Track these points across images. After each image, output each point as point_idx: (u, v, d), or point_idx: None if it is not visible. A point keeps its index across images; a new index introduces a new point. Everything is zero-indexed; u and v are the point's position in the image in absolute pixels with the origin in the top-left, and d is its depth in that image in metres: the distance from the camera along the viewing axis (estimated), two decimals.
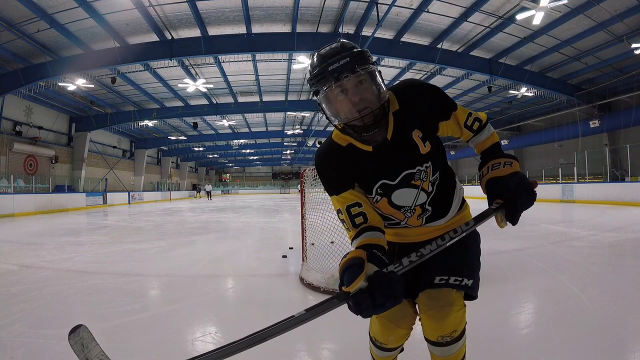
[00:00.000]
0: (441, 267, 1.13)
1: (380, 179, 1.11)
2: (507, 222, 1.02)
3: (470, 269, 1.14)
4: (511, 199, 1.00)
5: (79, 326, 0.88)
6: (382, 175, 1.10)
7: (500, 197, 1.03)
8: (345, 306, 0.94)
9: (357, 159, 1.09)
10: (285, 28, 11.14)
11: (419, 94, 1.09)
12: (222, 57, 12.64)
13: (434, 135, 1.12)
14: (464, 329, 1.14)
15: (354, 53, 0.97)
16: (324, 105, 1.01)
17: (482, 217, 1.02)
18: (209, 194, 30.20)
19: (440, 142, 1.15)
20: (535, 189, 1.03)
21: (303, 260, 3.54)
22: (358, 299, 0.89)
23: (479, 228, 1.15)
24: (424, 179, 1.11)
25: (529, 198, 1.01)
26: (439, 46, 11.83)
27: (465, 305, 1.13)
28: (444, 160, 1.18)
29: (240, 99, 18.30)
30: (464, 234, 1.01)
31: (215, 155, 38.22)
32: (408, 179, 1.10)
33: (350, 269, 0.91)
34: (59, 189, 16.82)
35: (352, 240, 1.08)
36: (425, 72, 14.93)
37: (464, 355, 1.20)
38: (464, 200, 1.29)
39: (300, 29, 11.06)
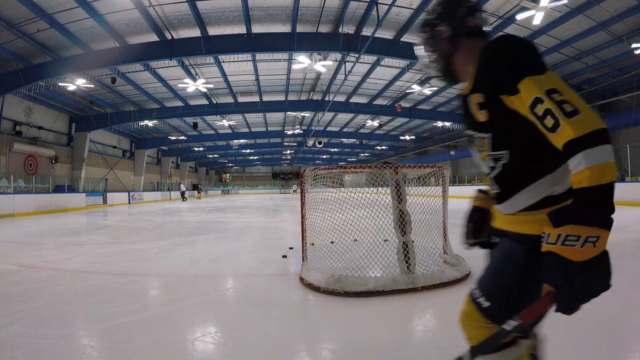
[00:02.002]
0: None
1: None
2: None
3: (492, 289, 0.96)
4: (569, 295, 0.73)
5: None
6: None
7: (553, 284, 0.74)
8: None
9: None
10: (285, 28, 11.14)
11: (492, 51, 0.90)
12: (222, 57, 12.64)
13: (497, 107, 0.88)
14: (480, 347, 0.89)
15: (422, 27, 1.13)
16: None
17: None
18: (182, 195, 27.53)
19: (520, 118, 0.85)
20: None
21: (303, 260, 3.54)
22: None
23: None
24: (482, 149, 0.99)
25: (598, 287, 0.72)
26: None
27: (479, 320, 0.97)
28: (524, 142, 0.89)
29: (240, 99, 18.30)
30: None
31: (215, 155, 38.24)
32: (471, 139, 1.05)
33: None
34: (59, 189, 16.82)
35: None
36: (425, 72, 14.91)
37: None
38: (549, 201, 0.88)
39: (300, 29, 11.06)
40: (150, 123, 19.56)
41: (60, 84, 12.64)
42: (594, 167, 0.70)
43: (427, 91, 15.94)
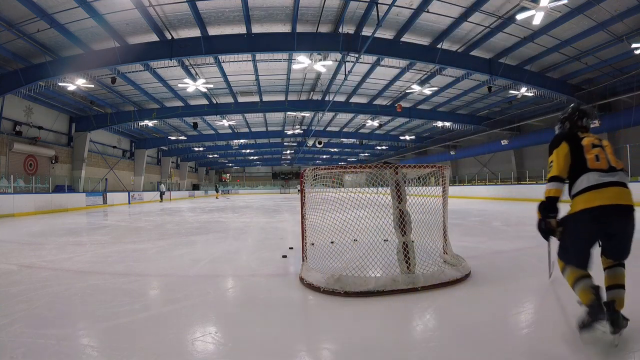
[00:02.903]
0: None
1: None
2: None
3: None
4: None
5: None
6: None
7: None
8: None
9: None
10: (285, 28, 11.14)
11: None
12: (222, 57, 12.64)
13: None
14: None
15: (558, 120, 2.44)
16: None
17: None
18: (161, 195, 25.72)
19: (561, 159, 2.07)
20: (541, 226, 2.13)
21: (303, 260, 3.54)
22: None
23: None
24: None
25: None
26: (439, 46, 11.83)
27: (559, 262, 2.13)
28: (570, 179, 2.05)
29: (240, 99, 18.30)
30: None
31: (215, 155, 38.26)
32: None
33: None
34: (59, 189, 16.81)
35: None
36: (425, 72, 14.93)
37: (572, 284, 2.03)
38: (574, 198, 2.01)
39: (300, 29, 11.06)
40: (150, 123, 19.56)
41: (60, 84, 12.63)
42: (545, 191, 2.07)
43: (427, 91, 15.94)
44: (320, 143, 27.21)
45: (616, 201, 1.86)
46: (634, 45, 10.78)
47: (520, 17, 9.08)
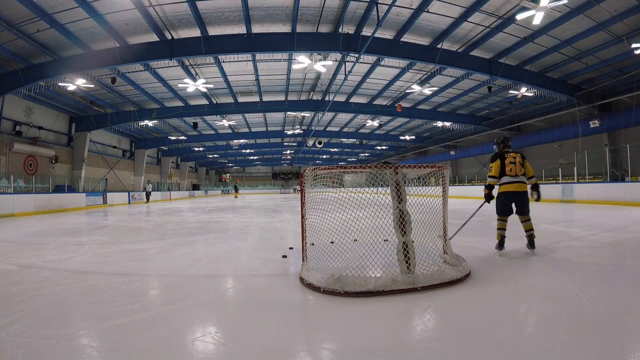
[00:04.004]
0: None
1: None
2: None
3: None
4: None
5: None
6: None
7: None
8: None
9: None
10: (285, 28, 11.14)
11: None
12: (222, 57, 12.64)
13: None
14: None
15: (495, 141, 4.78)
16: None
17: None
18: (148, 195, 23.72)
19: (496, 167, 4.30)
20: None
21: (303, 260, 3.54)
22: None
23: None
24: None
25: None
26: (439, 46, 11.83)
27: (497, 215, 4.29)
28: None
29: (240, 99, 18.31)
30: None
31: (215, 155, 38.28)
32: None
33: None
34: (59, 189, 16.82)
35: None
36: (425, 72, 14.93)
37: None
38: (499, 186, 4.30)
39: (300, 29, 11.06)
40: (150, 123, 19.58)
41: (60, 84, 12.64)
42: (488, 181, 4.37)
43: (427, 91, 15.94)
44: (320, 143, 27.21)
45: (516, 189, 4.14)
46: (634, 45, 10.77)
47: (520, 17, 9.08)
